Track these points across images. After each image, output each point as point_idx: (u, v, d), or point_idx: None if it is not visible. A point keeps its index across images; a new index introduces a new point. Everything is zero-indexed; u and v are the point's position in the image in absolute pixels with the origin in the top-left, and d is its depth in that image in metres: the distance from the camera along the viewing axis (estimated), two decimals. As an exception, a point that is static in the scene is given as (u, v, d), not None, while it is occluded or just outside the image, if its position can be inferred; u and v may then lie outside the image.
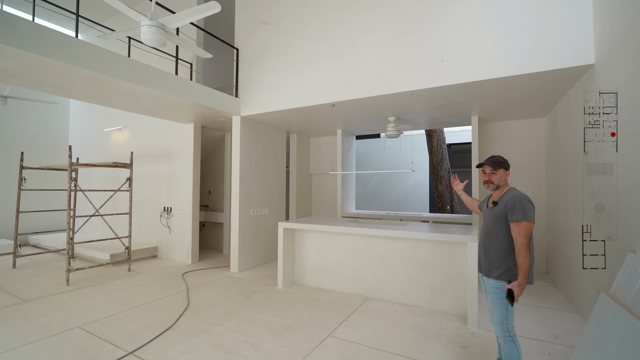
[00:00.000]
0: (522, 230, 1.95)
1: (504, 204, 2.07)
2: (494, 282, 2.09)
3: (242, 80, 5.01)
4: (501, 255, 2.06)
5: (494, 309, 2.09)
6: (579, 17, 2.95)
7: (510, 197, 2.06)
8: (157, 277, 4.68)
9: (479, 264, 2.27)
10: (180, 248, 5.65)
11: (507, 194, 2.10)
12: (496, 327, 2.08)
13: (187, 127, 5.61)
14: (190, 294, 3.98)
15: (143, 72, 3.62)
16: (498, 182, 2.16)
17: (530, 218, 1.95)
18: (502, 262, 2.06)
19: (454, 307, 3.44)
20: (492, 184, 2.16)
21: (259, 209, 5.42)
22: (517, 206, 1.98)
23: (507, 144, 5.27)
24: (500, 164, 2.16)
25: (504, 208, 2.06)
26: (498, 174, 2.16)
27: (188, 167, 5.58)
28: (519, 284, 1.96)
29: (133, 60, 3.54)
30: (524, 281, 1.95)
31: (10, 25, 2.65)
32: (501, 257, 2.06)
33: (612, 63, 2.63)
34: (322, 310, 3.48)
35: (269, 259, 5.68)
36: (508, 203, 2.04)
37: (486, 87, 3.58)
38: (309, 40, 4.39)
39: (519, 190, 2.11)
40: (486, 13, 3.31)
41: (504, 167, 2.17)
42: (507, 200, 2.05)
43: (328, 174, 6.91)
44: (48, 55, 2.85)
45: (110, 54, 3.33)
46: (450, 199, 6.41)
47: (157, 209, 5.96)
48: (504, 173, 2.17)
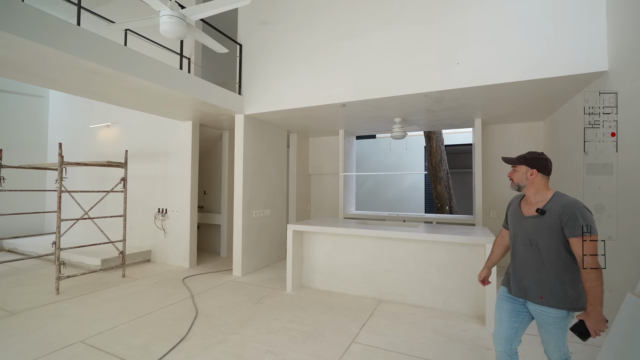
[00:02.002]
0: (589, 246, 1.59)
1: (557, 213, 1.67)
2: (552, 311, 1.69)
3: (246, 77, 4.84)
4: (558, 277, 1.68)
5: (552, 337, 1.73)
6: (593, 25, 3.03)
7: (565, 204, 1.66)
8: (156, 283, 4.43)
9: (520, 287, 1.81)
10: (176, 251, 5.39)
11: (556, 201, 1.70)
12: (552, 354, 1.77)
13: (185, 124, 5.36)
14: (196, 300, 3.78)
15: (149, 65, 3.40)
16: (518, 181, 1.81)
17: (595, 231, 1.60)
18: (559, 286, 1.67)
19: (469, 308, 3.46)
20: (512, 182, 1.84)
21: (262, 210, 5.27)
22: (579, 216, 1.61)
23: (507, 146, 5.40)
24: (523, 160, 1.80)
25: (558, 219, 1.66)
26: (519, 172, 1.81)
27: (185, 166, 5.34)
28: (595, 315, 1.55)
29: (138, 53, 3.31)
30: (600, 309, 1.55)
31: (4, 9, 2.38)
32: (558, 279, 1.68)
33: (626, 70, 2.71)
34: (338, 314, 3.41)
35: (271, 262, 5.53)
36: (564, 213, 1.64)
37: (499, 91, 3.62)
38: (318, 39, 4.29)
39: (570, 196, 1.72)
40: (503, 17, 3.34)
41: (528, 164, 1.78)
42: (561, 208, 1.66)
43: (327, 174, 6.84)
44: (48, 43, 2.60)
45: (114, 45, 3.09)
46: (449, 200, 6.51)
47: (151, 211, 5.66)
48: (526, 171, 1.78)
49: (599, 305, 1.54)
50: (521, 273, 1.81)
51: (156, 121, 5.60)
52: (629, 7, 2.69)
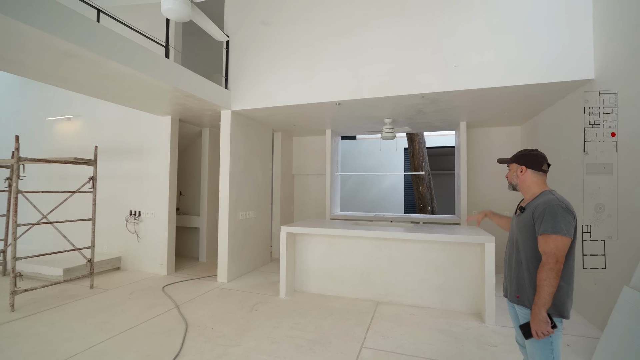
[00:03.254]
0: (550, 245, 1.48)
1: (532, 210, 1.61)
2: (527, 311, 1.61)
3: (233, 71, 4.57)
4: (533, 275, 1.59)
5: (534, 349, 1.57)
6: (582, 35, 3.22)
7: (540, 202, 1.58)
8: (132, 294, 4.01)
9: (504, 286, 1.82)
10: (152, 257, 4.94)
11: (539, 198, 1.63)
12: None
13: (163, 120, 4.95)
14: (182, 310, 3.46)
15: (134, 51, 3.05)
16: (511, 180, 1.78)
17: (563, 231, 1.47)
18: (532, 286, 1.59)
19: (467, 307, 3.51)
20: (507, 180, 1.81)
21: (248, 212, 5.01)
22: (547, 214, 1.52)
23: (487, 149, 5.64)
24: (514, 158, 1.75)
25: (531, 216, 1.60)
26: (510, 170, 1.78)
27: (163, 165, 4.92)
28: (535, 314, 1.48)
29: (123, 37, 2.95)
30: (542, 310, 1.47)
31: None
32: (532, 278, 1.59)
33: (613, 79, 2.91)
34: (339, 319, 3.29)
35: (256, 266, 5.27)
36: (536, 210, 1.58)
37: (493, 94, 3.74)
38: (314, 34, 4.16)
39: (558, 194, 1.61)
40: (500, 22, 3.45)
41: (517, 162, 1.73)
42: (536, 206, 1.60)
43: (311, 175, 6.70)
44: (15, 16, 2.20)
45: (97, 26, 2.73)
46: (430, 200, 6.67)
47: (122, 214, 5.14)
48: (516, 169, 1.74)
49: (541, 306, 1.47)
50: (506, 272, 1.81)
51: (129, 115, 5.11)
52: (615, 19, 2.89)
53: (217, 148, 6.01)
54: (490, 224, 5.48)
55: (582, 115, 3.36)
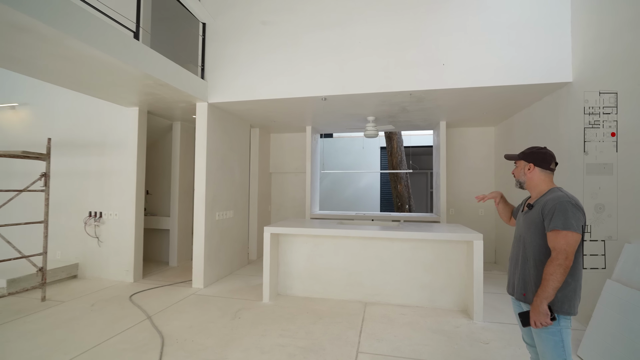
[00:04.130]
0: (561, 242, 1.48)
1: (540, 207, 1.60)
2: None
3: (211, 61, 4.25)
4: (540, 273, 1.58)
5: (546, 347, 1.56)
6: (561, 40, 3.36)
7: (550, 199, 1.58)
8: (94, 305, 3.56)
9: (510, 284, 1.79)
10: (116, 263, 4.47)
11: (547, 195, 1.62)
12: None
13: (130, 111, 4.48)
14: (156, 322, 3.12)
15: (102, 30, 2.67)
16: (518, 176, 1.78)
17: (574, 227, 1.47)
18: (539, 283, 1.58)
19: (453, 304, 3.54)
20: (514, 177, 1.81)
21: (225, 212, 4.70)
22: (557, 210, 1.51)
23: (464, 149, 5.80)
24: (522, 155, 1.75)
25: (540, 212, 1.59)
26: (518, 167, 1.78)
27: (129, 161, 4.46)
28: (535, 305, 1.50)
29: (88, 12, 2.57)
30: (544, 302, 1.48)
31: None
32: (539, 275, 1.58)
33: (590, 83, 3.06)
34: (330, 322, 3.15)
35: (233, 269, 4.98)
36: (546, 206, 1.57)
37: (478, 94, 3.81)
38: (299, 26, 3.98)
39: (566, 191, 1.62)
40: (486, 24, 3.50)
41: (526, 159, 1.72)
42: (545, 202, 1.59)
43: (289, 173, 6.50)
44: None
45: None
46: (408, 199, 6.76)
47: (79, 215, 4.60)
48: (524, 166, 1.74)
49: (543, 298, 1.48)
50: (511, 269, 1.79)
51: (88, 105, 4.58)
52: (592, 27, 3.04)
53: (189, 143, 5.61)
54: (457, 220, 5.65)
55: (560, 117, 3.53)
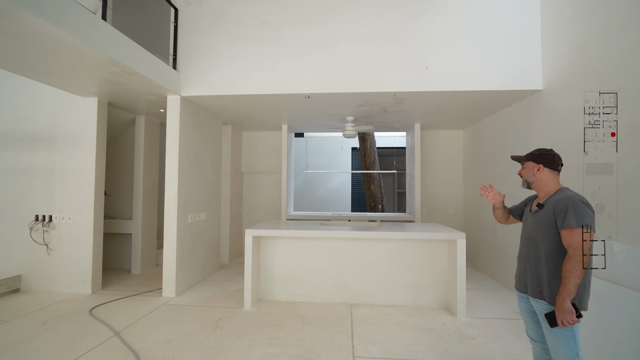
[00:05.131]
0: (576, 239, 1.56)
1: (552, 206, 1.67)
2: (546, 305, 1.67)
3: (184, 51, 3.93)
4: (552, 270, 1.65)
5: (558, 342, 1.63)
6: (533, 50, 3.60)
7: (561, 198, 1.65)
8: (46, 323, 3.10)
9: (521, 281, 1.84)
10: (70, 273, 3.94)
11: (556, 195, 1.70)
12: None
13: (87, 102, 3.98)
14: (126, 338, 2.79)
15: (63, 5, 2.31)
16: (526, 177, 1.82)
17: (587, 225, 1.57)
18: (555, 281, 1.64)
19: (435, 302, 3.63)
20: (522, 178, 1.86)
21: (197, 213, 4.38)
22: (569, 209, 1.58)
23: (435, 150, 6.03)
24: (530, 156, 1.81)
25: (552, 212, 1.66)
26: (526, 168, 1.83)
27: (86, 158, 3.97)
28: (560, 305, 1.55)
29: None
30: (567, 300, 1.54)
31: None
32: (553, 273, 1.65)
33: (559, 91, 3.32)
34: (319, 327, 3.06)
35: (205, 275, 4.66)
36: (557, 205, 1.64)
37: (456, 97, 3.95)
38: (282, 19, 3.83)
39: (574, 191, 1.70)
40: (466, 31, 3.64)
41: (535, 160, 1.78)
42: (557, 202, 1.66)
43: (262, 173, 6.27)
44: None
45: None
46: (381, 199, 6.87)
47: (23, 219, 3.98)
48: (532, 167, 1.79)
49: (565, 296, 1.53)
50: (522, 268, 1.83)
51: (35, 92, 4.00)
52: (562, 39, 3.29)
53: (154, 140, 5.16)
54: (430, 220, 5.88)
55: (530, 122, 3.78)
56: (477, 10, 3.65)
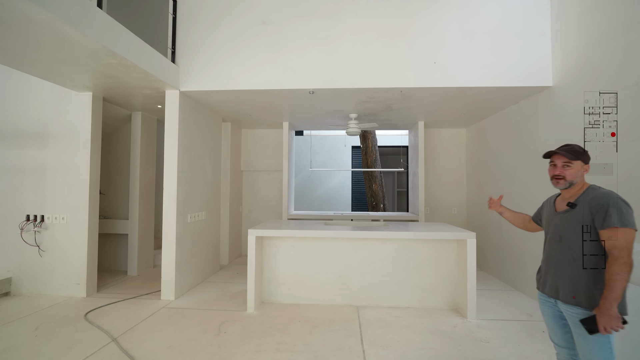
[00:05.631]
0: (620, 239, 1.45)
1: (587, 205, 1.57)
2: (586, 313, 1.53)
3: (183, 44, 3.77)
4: (590, 273, 1.54)
5: (592, 349, 1.51)
6: (543, 46, 3.51)
7: (597, 196, 1.56)
8: (38, 329, 2.94)
9: (551, 286, 1.69)
10: (63, 275, 3.77)
11: (589, 193, 1.60)
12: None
13: (81, 96, 3.81)
14: (124, 345, 2.65)
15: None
16: (572, 178, 1.63)
17: (630, 223, 1.46)
18: (593, 285, 1.52)
19: (443, 303, 3.53)
20: (564, 180, 1.64)
21: (197, 213, 4.23)
22: (610, 207, 1.48)
23: (438, 149, 5.95)
24: (578, 154, 1.64)
25: (589, 211, 1.56)
26: (573, 168, 1.64)
27: (80, 155, 3.80)
28: (605, 309, 1.42)
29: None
30: (614, 304, 1.42)
31: None
32: (592, 276, 1.53)
33: (570, 88, 3.24)
34: (326, 331, 2.94)
35: (205, 277, 4.51)
36: (594, 204, 1.54)
37: (463, 94, 3.86)
38: (284, 12, 3.70)
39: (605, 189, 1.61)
40: (472, 27, 3.54)
41: (582, 160, 1.65)
42: (593, 200, 1.56)
43: (262, 171, 6.13)
44: None
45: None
46: (382, 198, 6.77)
47: (13, 220, 3.80)
48: (581, 167, 1.64)
49: (612, 300, 1.41)
50: (552, 271, 1.69)
51: (25, 86, 3.82)
52: (573, 35, 3.21)
53: (151, 137, 5.00)
54: (433, 219, 5.79)
55: (539, 119, 3.70)
56: (485, 4, 3.56)
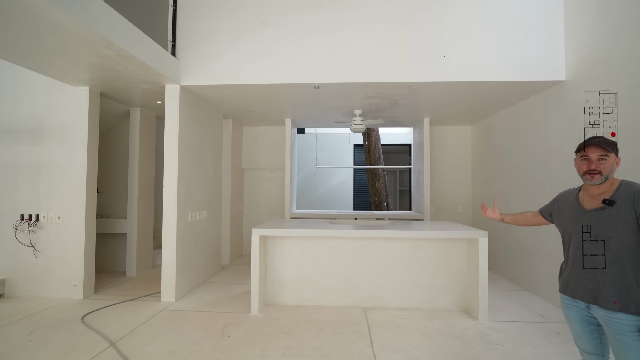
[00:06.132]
0: None
1: (630, 202, 1.43)
2: (630, 318, 1.42)
3: (183, 37, 3.65)
4: (635, 276, 1.44)
5: (632, 356, 1.43)
6: (555, 40, 3.41)
7: (638, 191, 1.44)
8: (32, 333, 2.80)
9: (586, 290, 1.56)
10: (59, 277, 3.64)
11: (626, 189, 1.48)
12: None
13: (78, 91, 3.68)
14: (123, 349, 2.52)
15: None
16: (608, 172, 1.49)
17: None
18: (638, 288, 1.42)
19: (453, 304, 3.43)
20: (600, 175, 1.49)
21: (198, 212, 4.11)
22: None
23: (443, 147, 5.84)
24: (614, 146, 1.51)
25: (632, 208, 1.43)
26: (609, 162, 1.50)
27: (77, 152, 3.67)
28: None
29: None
30: None
31: None
32: (635, 279, 1.44)
33: (584, 83, 3.15)
34: (334, 334, 2.83)
35: (206, 277, 4.39)
36: (636, 199, 1.42)
37: (473, 89, 3.75)
38: (287, 4, 3.58)
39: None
40: (483, 20, 3.44)
41: (616, 152, 1.53)
42: (635, 196, 1.43)
43: (264, 169, 6.01)
44: None
45: None
46: (386, 196, 6.67)
47: (7, 219, 3.67)
48: (615, 160, 1.52)
49: None
50: (588, 275, 1.55)
51: (19, 80, 3.68)
52: (587, 28, 3.11)
53: (150, 134, 4.86)
54: (438, 217, 5.69)
55: (551, 115, 3.60)
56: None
